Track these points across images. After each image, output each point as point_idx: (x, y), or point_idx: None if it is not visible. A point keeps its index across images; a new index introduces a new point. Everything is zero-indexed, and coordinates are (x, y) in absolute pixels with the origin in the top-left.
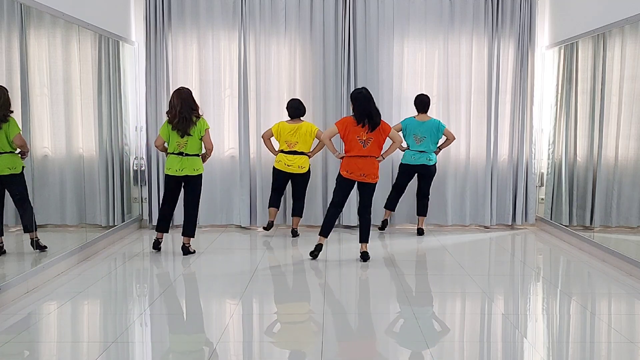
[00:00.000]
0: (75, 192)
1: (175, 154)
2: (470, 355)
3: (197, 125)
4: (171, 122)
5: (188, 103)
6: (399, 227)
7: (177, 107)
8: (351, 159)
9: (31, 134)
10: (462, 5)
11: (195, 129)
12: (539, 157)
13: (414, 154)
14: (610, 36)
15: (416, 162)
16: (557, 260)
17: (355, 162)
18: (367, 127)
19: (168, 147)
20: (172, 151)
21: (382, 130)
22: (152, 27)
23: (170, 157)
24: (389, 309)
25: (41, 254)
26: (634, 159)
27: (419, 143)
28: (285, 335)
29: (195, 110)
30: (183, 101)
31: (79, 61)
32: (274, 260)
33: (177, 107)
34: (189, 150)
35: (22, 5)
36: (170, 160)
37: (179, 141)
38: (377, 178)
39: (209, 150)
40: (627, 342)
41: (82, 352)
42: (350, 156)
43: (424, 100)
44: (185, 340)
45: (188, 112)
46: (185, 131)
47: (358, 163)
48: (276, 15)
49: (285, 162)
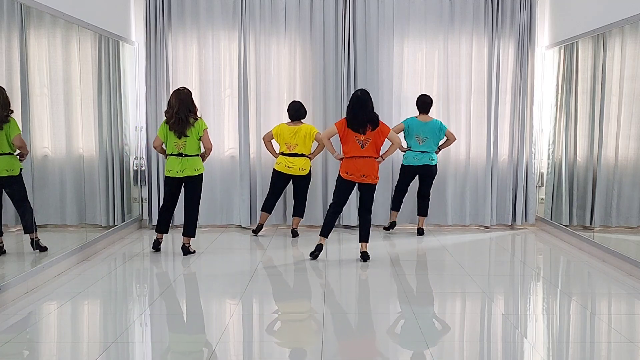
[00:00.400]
0: (75, 192)
1: (175, 155)
2: (470, 355)
3: (195, 127)
4: (168, 122)
5: (186, 104)
6: (399, 227)
7: (175, 107)
8: (350, 160)
9: (31, 134)
10: (462, 5)
11: (193, 130)
12: (539, 157)
13: (416, 155)
14: (610, 36)
15: (419, 163)
16: (557, 260)
17: (354, 163)
18: (368, 127)
19: (166, 148)
20: (170, 152)
21: (381, 131)
22: (152, 27)
23: (170, 159)
24: (389, 309)
25: (41, 254)
26: (634, 159)
27: (422, 144)
28: (285, 335)
29: (193, 112)
30: (181, 102)
31: (79, 61)
32: (274, 260)
33: (174, 107)
34: (188, 151)
35: (22, 5)
36: (170, 161)
37: (177, 142)
38: (377, 178)
39: (207, 150)
40: (627, 342)
41: (82, 352)
42: (349, 157)
43: (426, 101)
44: (185, 340)
45: (185, 113)
46: (182, 132)
47: (357, 164)
48: (276, 15)
49: (286, 164)
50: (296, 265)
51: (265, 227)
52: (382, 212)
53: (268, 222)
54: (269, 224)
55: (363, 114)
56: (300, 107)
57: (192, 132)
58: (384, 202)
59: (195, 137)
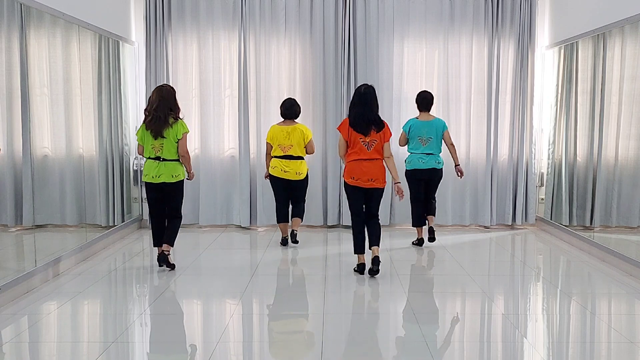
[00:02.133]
0: (75, 192)
1: (152, 159)
2: (470, 355)
3: (173, 128)
4: (145, 121)
5: (167, 102)
6: (399, 227)
7: (154, 104)
8: (355, 163)
9: (31, 134)
10: (462, 5)
11: (171, 131)
12: (539, 157)
13: (421, 157)
14: (610, 36)
15: (425, 166)
16: (557, 260)
17: (360, 166)
18: (372, 129)
19: (144, 151)
20: (148, 155)
21: (384, 133)
22: (152, 27)
23: (147, 162)
24: (388, 309)
25: (40, 254)
26: (634, 159)
27: (425, 145)
28: (285, 335)
29: (174, 111)
30: (161, 99)
31: (79, 61)
32: (274, 260)
33: (153, 104)
34: (166, 155)
35: (22, 5)
36: (147, 165)
37: (154, 144)
38: (385, 182)
39: (182, 157)
40: (627, 342)
41: (82, 352)
42: (354, 160)
43: (427, 98)
44: (185, 340)
45: (164, 112)
46: (158, 132)
47: (363, 167)
48: (276, 15)
49: (282, 168)
50: (296, 265)
51: (265, 227)
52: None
53: (268, 222)
54: (269, 224)
55: (368, 114)
56: (293, 105)
57: (170, 133)
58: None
59: (173, 140)
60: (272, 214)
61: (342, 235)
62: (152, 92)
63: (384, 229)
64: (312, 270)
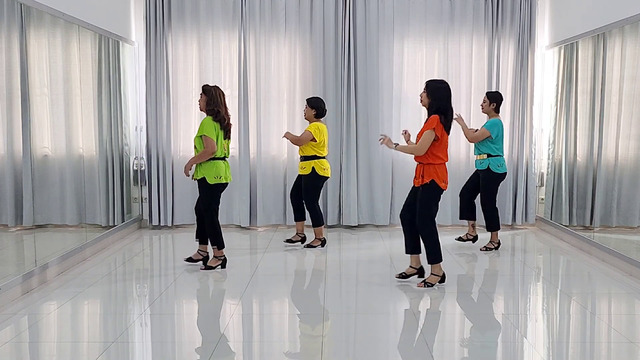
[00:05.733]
0: (75, 192)
1: (221, 159)
2: (470, 355)
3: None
4: (219, 120)
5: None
6: (399, 227)
7: (224, 107)
8: (444, 166)
9: (31, 134)
10: (462, 5)
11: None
12: (539, 157)
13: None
14: (610, 36)
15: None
16: (557, 260)
17: (446, 170)
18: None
19: (217, 151)
20: (219, 155)
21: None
22: (152, 27)
23: (217, 163)
24: (388, 308)
25: (42, 255)
26: (634, 159)
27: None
28: (285, 336)
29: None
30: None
31: (79, 61)
32: (274, 260)
33: (222, 105)
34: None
35: (22, 5)
36: (218, 166)
37: (223, 143)
38: None
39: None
40: (627, 342)
41: (82, 352)
42: (445, 163)
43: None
44: (185, 340)
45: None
46: (229, 132)
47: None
48: (276, 15)
49: (326, 167)
50: (296, 265)
51: (265, 227)
52: (382, 208)
53: (268, 222)
54: (269, 224)
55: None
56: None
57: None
58: (384, 199)
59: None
60: (272, 214)
61: (342, 235)
62: (213, 90)
63: (384, 229)
64: (312, 269)
